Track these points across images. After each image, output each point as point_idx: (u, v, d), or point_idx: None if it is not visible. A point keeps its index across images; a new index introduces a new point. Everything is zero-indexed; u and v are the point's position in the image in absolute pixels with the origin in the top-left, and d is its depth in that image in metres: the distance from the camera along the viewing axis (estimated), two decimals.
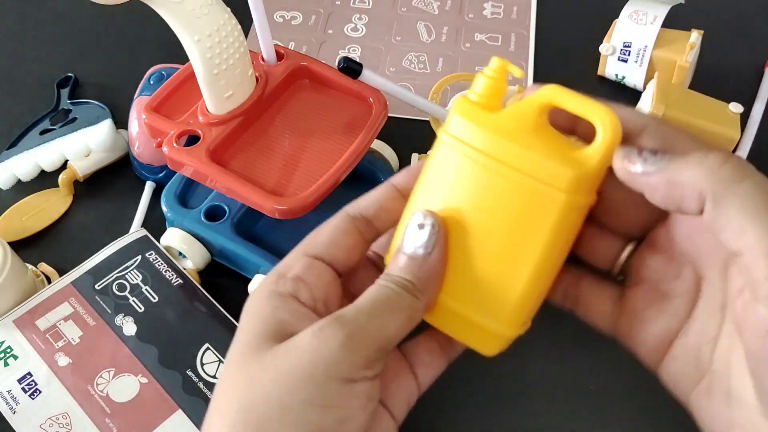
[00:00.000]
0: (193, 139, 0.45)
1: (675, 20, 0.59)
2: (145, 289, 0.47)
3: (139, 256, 0.49)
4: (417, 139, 0.52)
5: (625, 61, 0.60)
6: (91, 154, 0.55)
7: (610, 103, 0.28)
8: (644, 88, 0.59)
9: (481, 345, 0.30)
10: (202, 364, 0.44)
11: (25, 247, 0.52)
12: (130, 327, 0.46)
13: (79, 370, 0.44)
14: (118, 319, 0.46)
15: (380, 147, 0.54)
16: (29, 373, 0.43)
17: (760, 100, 0.60)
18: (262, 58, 0.49)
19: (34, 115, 0.59)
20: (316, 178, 0.43)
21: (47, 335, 0.45)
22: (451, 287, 0.29)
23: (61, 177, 0.54)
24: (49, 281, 0.49)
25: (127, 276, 0.48)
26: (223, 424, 0.26)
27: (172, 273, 0.48)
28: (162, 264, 0.48)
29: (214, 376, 0.44)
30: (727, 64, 0.64)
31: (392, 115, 0.52)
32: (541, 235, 0.28)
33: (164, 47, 0.52)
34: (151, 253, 0.49)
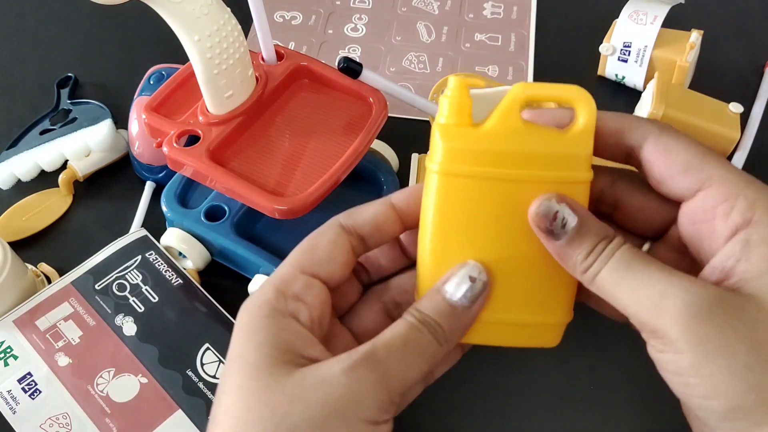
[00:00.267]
0: (193, 139, 0.45)
1: (675, 20, 0.59)
2: (145, 289, 0.47)
3: (139, 256, 0.49)
4: (417, 139, 0.52)
5: (625, 61, 0.60)
6: (91, 154, 0.55)
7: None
8: (644, 88, 0.59)
9: (542, 341, 0.31)
10: (202, 364, 0.44)
11: (25, 247, 0.52)
12: (130, 327, 0.46)
13: (79, 370, 0.44)
14: (118, 319, 0.46)
15: (380, 147, 0.54)
16: (29, 373, 0.43)
17: (760, 100, 0.60)
18: (262, 58, 0.49)
19: (34, 115, 0.59)
20: (316, 178, 0.43)
21: (47, 335, 0.45)
22: (497, 303, 0.30)
23: (61, 177, 0.54)
24: (49, 281, 0.49)
25: (127, 276, 0.48)
26: None
27: (172, 273, 0.48)
28: (162, 264, 0.48)
29: (214, 376, 0.44)
30: (727, 64, 0.64)
31: (392, 115, 0.52)
32: None
33: (164, 47, 0.52)
34: (151, 253, 0.49)
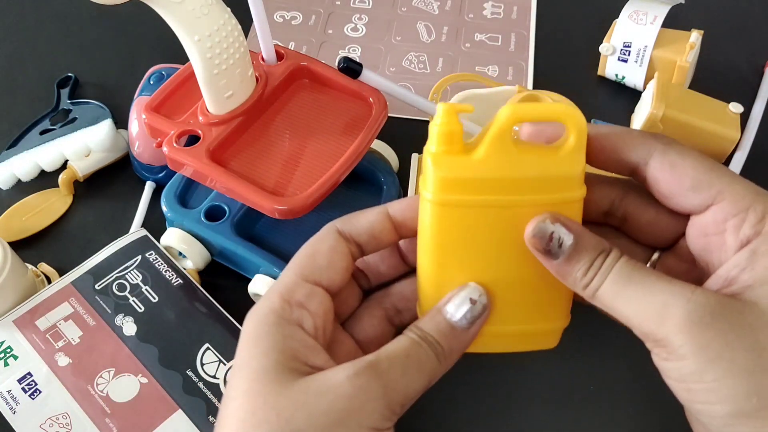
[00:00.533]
0: (193, 139, 0.45)
1: (675, 20, 0.59)
2: (145, 289, 0.47)
3: (139, 256, 0.49)
4: (417, 139, 0.52)
5: (625, 61, 0.60)
6: (91, 154, 0.55)
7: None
8: (644, 88, 0.59)
9: (542, 344, 0.32)
10: (202, 364, 0.44)
11: (25, 247, 0.52)
12: (130, 327, 0.46)
13: (79, 370, 0.44)
14: (118, 319, 0.46)
15: (380, 147, 0.54)
16: (29, 373, 0.43)
17: (760, 100, 0.60)
18: (262, 58, 0.49)
19: (34, 115, 0.59)
20: (316, 178, 0.43)
21: (47, 335, 0.45)
22: (497, 316, 0.30)
23: (61, 177, 0.54)
24: (49, 281, 0.49)
25: (127, 276, 0.48)
26: None
27: (172, 273, 0.48)
28: (162, 264, 0.48)
29: (214, 376, 0.44)
30: (727, 64, 0.64)
31: (392, 115, 0.52)
32: None
33: (164, 47, 0.52)
34: (151, 253, 0.49)
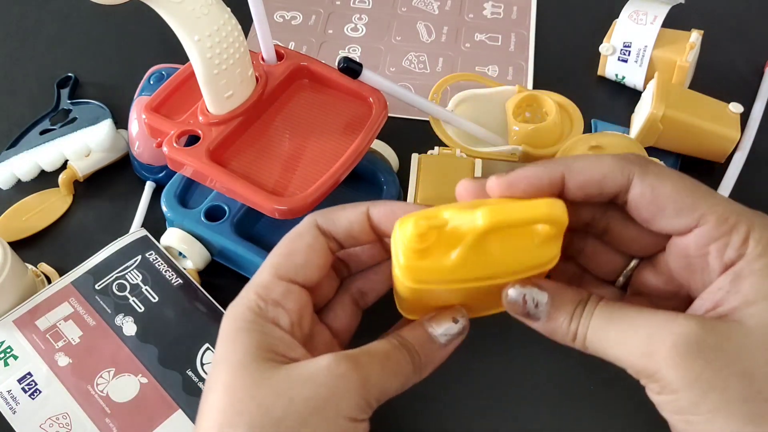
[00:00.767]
0: (193, 139, 0.45)
1: (675, 20, 0.59)
2: (145, 289, 0.47)
3: (139, 256, 0.49)
4: (417, 139, 0.52)
5: (625, 61, 0.60)
6: (91, 154, 0.55)
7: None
8: (644, 88, 0.59)
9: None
10: (202, 364, 0.44)
11: (25, 247, 0.52)
12: (130, 327, 0.46)
13: (79, 370, 0.44)
14: (118, 319, 0.46)
15: (380, 147, 0.54)
16: (29, 373, 0.43)
17: (760, 100, 0.60)
18: (262, 58, 0.49)
19: (34, 115, 0.59)
20: (316, 178, 0.43)
21: (47, 335, 0.45)
22: None
23: (61, 177, 0.54)
24: (49, 281, 0.49)
25: (127, 276, 0.48)
26: None
27: (172, 273, 0.48)
28: (162, 264, 0.48)
29: None
30: (727, 64, 0.64)
31: (392, 115, 0.52)
32: None
33: (164, 47, 0.52)
34: (151, 253, 0.49)
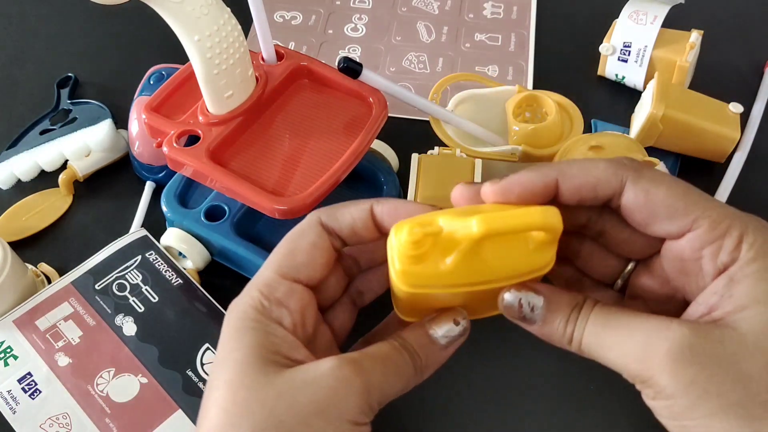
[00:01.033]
0: (193, 139, 0.45)
1: (675, 20, 0.59)
2: (145, 289, 0.47)
3: (139, 256, 0.49)
4: (417, 139, 0.52)
5: (625, 61, 0.60)
6: (91, 154, 0.55)
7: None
8: (644, 88, 0.59)
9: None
10: (202, 364, 0.44)
11: (25, 247, 0.52)
12: (130, 327, 0.46)
13: (79, 370, 0.44)
14: (118, 319, 0.46)
15: (380, 147, 0.54)
16: (29, 373, 0.43)
17: (760, 100, 0.60)
18: (262, 58, 0.49)
19: (34, 115, 0.59)
20: (316, 178, 0.43)
21: (47, 335, 0.45)
22: None
23: (61, 177, 0.54)
24: (49, 281, 0.49)
25: (127, 276, 0.48)
26: None
27: (172, 273, 0.48)
28: (162, 264, 0.48)
29: None
30: (727, 64, 0.64)
31: (392, 115, 0.52)
32: None
33: (164, 47, 0.51)
34: (151, 253, 0.49)
